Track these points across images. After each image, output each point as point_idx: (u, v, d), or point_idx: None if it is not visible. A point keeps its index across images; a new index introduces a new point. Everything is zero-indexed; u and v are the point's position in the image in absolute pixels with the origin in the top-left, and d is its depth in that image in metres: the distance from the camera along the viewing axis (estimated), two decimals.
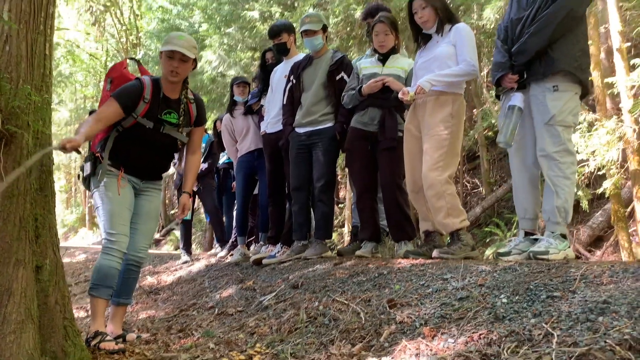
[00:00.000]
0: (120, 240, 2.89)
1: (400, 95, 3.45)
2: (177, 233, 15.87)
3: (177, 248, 12.19)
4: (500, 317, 1.92)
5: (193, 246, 8.11)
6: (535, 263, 2.51)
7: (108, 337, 2.80)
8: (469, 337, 1.85)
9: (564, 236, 2.88)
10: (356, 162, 3.96)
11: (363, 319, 2.36)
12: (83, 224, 23.54)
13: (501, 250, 3.09)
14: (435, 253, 3.22)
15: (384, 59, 3.91)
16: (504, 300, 2.04)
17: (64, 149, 2.51)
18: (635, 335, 1.48)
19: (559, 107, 2.91)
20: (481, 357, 1.68)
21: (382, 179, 3.87)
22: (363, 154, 3.91)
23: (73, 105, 22.78)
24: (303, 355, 2.23)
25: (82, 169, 3.07)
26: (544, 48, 2.92)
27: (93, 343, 2.75)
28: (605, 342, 1.48)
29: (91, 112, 3.25)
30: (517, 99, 3.03)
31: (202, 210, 12.80)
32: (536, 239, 2.98)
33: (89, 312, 3.19)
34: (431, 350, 1.87)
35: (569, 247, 2.86)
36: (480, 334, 1.83)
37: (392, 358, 1.92)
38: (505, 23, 3.20)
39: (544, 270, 2.26)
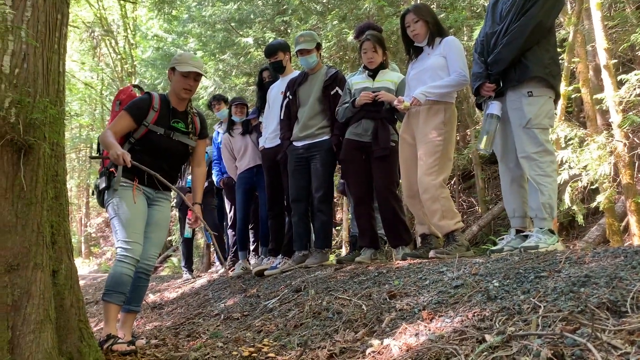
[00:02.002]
0: (135, 249, 3.01)
1: (395, 103, 3.63)
2: (174, 260, 15.89)
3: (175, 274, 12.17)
4: (492, 297, 2.07)
5: None
6: (525, 252, 2.67)
7: (120, 340, 2.91)
8: (464, 316, 2.00)
9: (551, 231, 3.04)
10: (352, 172, 4.13)
11: (365, 309, 2.50)
12: (78, 254, 23.44)
13: (494, 247, 3.24)
14: (432, 253, 3.37)
15: (373, 74, 4.11)
16: (496, 284, 2.19)
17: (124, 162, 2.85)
18: (612, 299, 1.63)
19: (534, 111, 3.10)
20: (476, 330, 1.82)
21: (377, 187, 4.03)
22: (358, 164, 4.07)
23: (68, 134, 22.97)
24: (309, 344, 2.35)
25: (96, 186, 3.22)
26: (517, 57, 3.13)
27: (106, 346, 2.85)
28: (586, 306, 1.63)
29: None
30: (494, 107, 3.23)
31: (199, 235, 12.84)
32: (526, 236, 3.13)
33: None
34: (430, 330, 2.01)
35: (558, 241, 3.02)
36: (474, 312, 1.97)
37: (394, 339, 2.05)
38: (481, 37, 3.42)
39: (533, 257, 2.42)
